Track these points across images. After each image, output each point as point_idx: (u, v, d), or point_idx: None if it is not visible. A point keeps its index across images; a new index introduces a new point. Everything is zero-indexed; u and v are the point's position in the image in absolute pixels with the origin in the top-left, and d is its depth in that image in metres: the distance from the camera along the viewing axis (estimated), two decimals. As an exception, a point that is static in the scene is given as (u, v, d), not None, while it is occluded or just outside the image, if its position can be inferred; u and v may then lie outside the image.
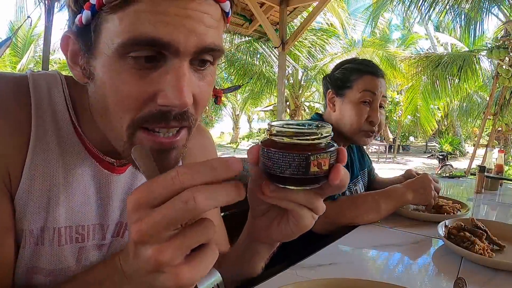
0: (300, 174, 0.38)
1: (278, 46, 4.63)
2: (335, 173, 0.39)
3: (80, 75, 0.49)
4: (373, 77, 1.23)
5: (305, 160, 0.37)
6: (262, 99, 15.69)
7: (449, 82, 9.11)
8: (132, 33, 0.41)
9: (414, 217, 1.13)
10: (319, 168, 0.38)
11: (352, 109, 1.22)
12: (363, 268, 0.79)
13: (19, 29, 11.24)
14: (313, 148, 0.38)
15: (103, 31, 0.43)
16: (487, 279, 0.71)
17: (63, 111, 0.53)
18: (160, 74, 0.43)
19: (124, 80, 0.43)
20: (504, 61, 5.59)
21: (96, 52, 0.44)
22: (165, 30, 0.41)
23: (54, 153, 0.51)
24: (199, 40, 0.43)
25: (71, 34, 0.47)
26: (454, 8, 6.77)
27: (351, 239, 0.95)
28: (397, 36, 21.82)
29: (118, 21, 0.41)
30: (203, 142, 0.75)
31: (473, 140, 16.86)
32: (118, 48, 0.42)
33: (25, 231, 0.50)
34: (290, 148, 0.38)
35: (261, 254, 0.59)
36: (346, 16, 12.08)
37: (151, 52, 0.42)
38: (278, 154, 0.38)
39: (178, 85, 0.42)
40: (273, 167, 0.38)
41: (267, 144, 0.39)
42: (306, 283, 0.59)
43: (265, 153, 0.39)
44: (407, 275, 0.75)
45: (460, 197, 1.50)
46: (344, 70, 1.27)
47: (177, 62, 0.43)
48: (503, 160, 1.85)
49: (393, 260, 0.84)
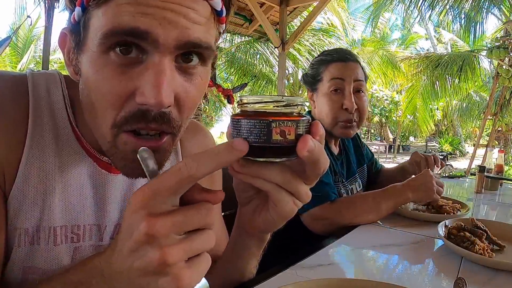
0: (262, 141, 0.36)
1: (278, 46, 4.63)
2: (302, 142, 0.35)
3: (72, 72, 0.48)
4: (340, 63, 1.21)
5: (266, 126, 0.36)
6: (262, 99, 15.65)
7: (449, 82, 9.12)
8: (112, 24, 0.40)
9: (414, 217, 1.13)
10: (282, 136, 0.36)
11: (324, 100, 1.22)
12: (363, 268, 0.78)
13: (19, 28, 11.23)
14: (276, 115, 0.36)
15: (90, 27, 0.43)
16: (487, 279, 0.71)
17: (61, 111, 0.53)
18: (140, 70, 0.42)
19: (106, 76, 0.42)
20: (504, 61, 5.59)
21: (84, 48, 0.44)
22: (143, 21, 0.40)
23: (50, 152, 0.51)
24: (181, 33, 0.42)
25: (67, 31, 0.47)
26: (454, 8, 6.77)
27: (351, 239, 0.95)
28: (397, 36, 21.81)
29: (101, 15, 0.41)
30: (203, 141, 0.74)
31: (473, 140, 16.86)
32: (100, 41, 0.41)
33: (20, 230, 0.50)
34: (254, 115, 0.37)
35: (251, 249, 0.57)
36: (347, 15, 12.08)
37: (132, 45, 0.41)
38: (242, 122, 0.37)
39: (155, 82, 0.40)
40: (238, 135, 0.37)
41: (236, 114, 0.39)
42: (306, 283, 0.59)
43: (233, 123, 0.38)
44: (407, 275, 0.75)
45: (460, 197, 1.50)
46: (313, 65, 1.28)
47: (157, 57, 0.41)
48: (503, 160, 1.85)
49: (393, 260, 0.84)
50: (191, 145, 0.70)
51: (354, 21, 15.90)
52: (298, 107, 0.38)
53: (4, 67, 13.21)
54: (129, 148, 0.45)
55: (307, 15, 4.92)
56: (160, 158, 0.47)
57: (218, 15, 0.47)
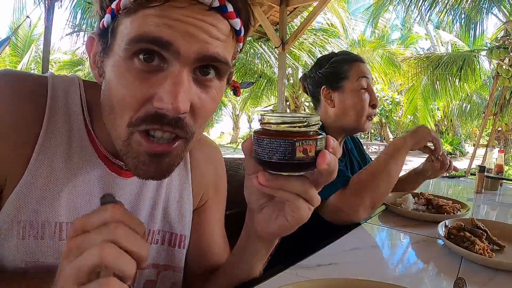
0: (287, 159, 0.40)
1: (278, 46, 4.63)
2: (322, 158, 0.41)
3: (97, 75, 0.52)
4: (361, 63, 1.26)
5: (291, 145, 0.40)
6: (262, 99, 15.68)
7: (449, 82, 9.12)
8: (137, 32, 0.44)
9: (414, 217, 1.13)
10: (304, 154, 0.41)
11: (355, 97, 1.23)
12: (363, 268, 0.78)
13: (19, 28, 11.22)
14: (299, 134, 0.41)
15: (118, 33, 0.46)
16: (487, 279, 0.71)
17: (77, 113, 0.55)
18: (160, 78, 0.45)
19: (128, 80, 0.45)
20: (504, 61, 5.59)
21: (110, 53, 0.47)
22: (167, 31, 0.43)
23: (62, 152, 0.53)
24: (201, 47, 0.45)
25: (96, 36, 0.51)
26: (454, 8, 6.77)
27: (351, 239, 0.95)
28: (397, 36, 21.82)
29: (129, 23, 0.45)
30: (211, 155, 0.75)
31: (473, 140, 16.87)
32: (125, 47, 0.44)
33: (23, 222, 0.50)
34: (278, 135, 0.41)
35: (260, 254, 0.60)
36: (347, 16, 12.08)
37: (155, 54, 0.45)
38: (266, 141, 0.41)
39: (173, 90, 0.44)
40: (262, 152, 0.41)
41: (258, 132, 0.42)
42: (306, 283, 0.59)
43: (256, 140, 0.42)
44: (407, 275, 0.75)
45: (460, 197, 1.50)
46: (334, 63, 1.27)
47: (177, 67, 0.45)
48: (503, 160, 1.85)
49: (393, 260, 0.84)
50: (200, 157, 0.72)
51: (355, 21, 15.91)
52: (316, 126, 0.42)
53: (4, 67, 13.21)
54: (142, 149, 0.48)
55: (307, 15, 4.92)
56: (170, 162, 0.50)
57: (237, 34, 0.50)
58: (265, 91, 11.45)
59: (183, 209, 0.67)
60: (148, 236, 0.63)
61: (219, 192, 0.76)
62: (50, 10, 3.50)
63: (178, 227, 0.67)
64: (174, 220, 0.66)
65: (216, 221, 0.75)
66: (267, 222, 0.51)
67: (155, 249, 0.64)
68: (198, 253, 0.71)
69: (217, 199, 0.76)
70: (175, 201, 0.67)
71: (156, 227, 0.64)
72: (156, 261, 0.64)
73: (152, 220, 0.63)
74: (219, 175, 0.77)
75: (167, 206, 0.66)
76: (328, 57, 1.32)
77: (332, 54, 1.34)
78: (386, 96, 14.84)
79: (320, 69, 1.30)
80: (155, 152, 0.48)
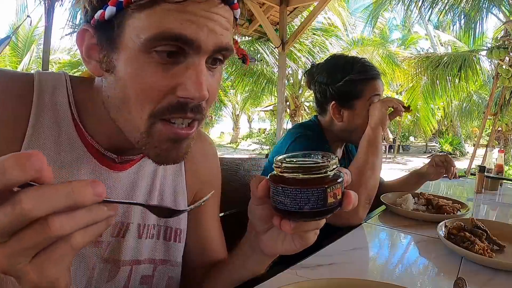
0: (319, 207, 0.39)
1: (278, 46, 4.63)
2: (348, 200, 0.42)
3: (96, 68, 0.50)
4: (376, 81, 1.22)
5: (323, 193, 0.39)
6: (262, 99, 15.68)
7: (449, 82, 9.11)
8: (160, 28, 0.44)
9: (414, 217, 1.13)
10: (334, 198, 0.40)
11: (364, 116, 1.19)
12: (363, 268, 0.79)
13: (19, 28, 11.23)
14: (328, 180, 0.39)
15: (128, 26, 0.46)
16: (487, 279, 0.71)
17: (65, 109, 0.54)
18: (181, 69, 0.47)
19: (148, 73, 0.46)
20: (504, 61, 5.59)
21: (120, 46, 0.47)
22: (190, 29, 0.45)
23: (50, 148, 0.52)
24: (217, 40, 0.48)
25: (89, 28, 0.49)
26: (453, 8, 6.77)
27: (351, 239, 0.95)
28: (397, 36, 21.82)
29: (145, 18, 0.45)
30: (204, 148, 0.76)
31: (473, 140, 16.86)
32: (145, 42, 0.45)
33: None
34: (308, 183, 0.39)
35: (264, 263, 0.62)
36: (347, 15, 12.07)
37: (174, 47, 0.46)
38: (295, 191, 0.39)
39: (198, 79, 0.46)
40: (292, 204, 0.39)
41: (281, 181, 0.40)
42: (306, 283, 0.59)
43: (280, 191, 0.40)
44: (407, 275, 0.75)
45: (460, 197, 1.50)
46: (349, 82, 1.21)
47: (196, 58, 0.47)
48: (503, 160, 1.85)
49: (393, 260, 0.84)
50: (194, 152, 0.72)
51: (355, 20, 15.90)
52: (336, 165, 0.41)
53: (4, 67, 13.20)
54: (164, 137, 0.49)
55: (307, 15, 4.92)
56: (188, 144, 0.53)
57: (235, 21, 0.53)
58: (265, 91, 11.44)
59: (178, 203, 0.68)
60: (143, 231, 0.63)
61: (214, 187, 0.76)
62: (50, 11, 3.49)
63: (173, 221, 0.67)
64: None
65: (212, 216, 0.76)
66: (273, 244, 0.52)
67: (151, 244, 0.64)
68: (196, 249, 0.72)
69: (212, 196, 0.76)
70: (169, 194, 0.67)
71: (151, 221, 0.64)
72: (153, 256, 0.64)
73: (146, 215, 0.63)
74: (214, 171, 0.78)
75: (161, 200, 0.66)
76: (343, 69, 1.22)
77: (348, 66, 1.23)
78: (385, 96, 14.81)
79: (332, 82, 1.23)
80: (178, 137, 0.50)
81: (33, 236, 0.29)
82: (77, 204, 0.30)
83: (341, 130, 1.25)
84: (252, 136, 22.62)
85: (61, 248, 0.31)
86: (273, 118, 17.99)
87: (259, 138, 20.73)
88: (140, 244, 0.62)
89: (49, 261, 0.31)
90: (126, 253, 0.60)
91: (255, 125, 26.98)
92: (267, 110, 18.76)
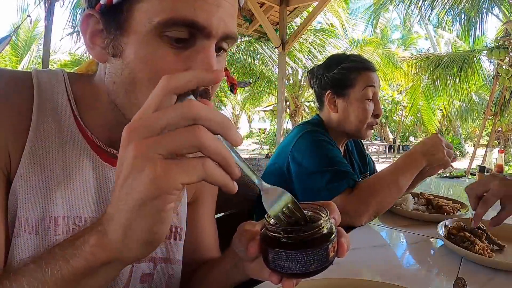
0: (323, 263, 0.39)
1: (278, 46, 4.63)
2: (342, 250, 0.42)
3: (101, 54, 0.50)
4: (370, 72, 1.24)
5: (326, 250, 0.38)
6: (262, 99, 15.69)
7: (449, 82, 9.11)
8: (173, 13, 0.45)
9: (414, 217, 1.13)
10: (333, 252, 0.40)
11: (359, 107, 1.22)
12: (363, 268, 0.78)
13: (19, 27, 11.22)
14: (328, 236, 0.39)
15: (137, 10, 0.46)
16: (487, 279, 0.71)
17: (64, 106, 0.54)
18: (191, 52, 0.47)
19: (160, 56, 0.47)
20: (504, 61, 5.59)
21: (129, 30, 0.47)
22: (203, 15, 0.46)
23: (54, 143, 0.52)
24: (226, 27, 0.49)
25: (94, 13, 0.49)
26: (453, 8, 6.77)
27: (351, 239, 0.94)
28: (397, 36, 21.82)
29: (157, 2, 0.45)
30: None
31: (473, 140, 16.87)
32: (156, 26, 0.45)
33: (20, 219, 0.49)
34: (313, 245, 0.38)
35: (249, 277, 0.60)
36: (347, 16, 12.07)
37: (186, 34, 0.46)
38: (301, 255, 0.38)
39: (208, 63, 0.47)
40: (297, 267, 0.38)
41: (281, 246, 0.38)
42: (306, 283, 0.59)
43: (284, 256, 0.38)
44: (407, 275, 0.75)
45: (460, 197, 1.49)
46: (342, 70, 1.25)
47: (207, 43, 0.48)
48: (503, 160, 1.85)
49: (393, 260, 0.84)
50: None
51: (354, 21, 15.91)
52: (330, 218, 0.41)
53: (4, 67, 13.18)
54: None
55: (307, 15, 4.92)
56: None
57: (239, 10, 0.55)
58: (265, 91, 11.45)
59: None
60: None
61: (212, 187, 0.76)
62: (50, 11, 3.49)
63: (174, 219, 0.66)
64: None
65: (208, 216, 0.76)
66: (259, 271, 0.50)
67: None
68: (190, 247, 0.71)
69: (210, 195, 0.77)
70: None
71: None
72: (153, 253, 0.63)
73: None
74: None
75: None
76: (338, 60, 1.28)
77: (343, 58, 1.30)
78: (386, 96, 14.84)
79: (328, 71, 1.28)
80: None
81: (183, 133, 0.32)
82: (227, 133, 0.34)
83: (338, 122, 1.27)
84: (252, 136, 22.62)
85: (193, 162, 0.33)
86: (273, 118, 17.99)
87: (259, 138, 20.73)
88: None
89: (178, 166, 0.32)
90: None
91: (255, 125, 26.98)
92: (267, 110, 18.76)
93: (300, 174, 1.12)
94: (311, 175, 1.09)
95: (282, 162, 1.19)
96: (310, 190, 1.09)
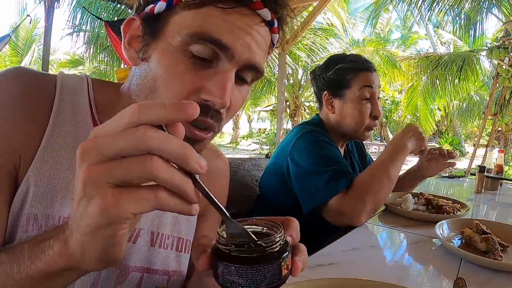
0: (275, 281, 0.37)
1: (278, 46, 4.62)
2: (296, 270, 0.40)
3: (134, 56, 0.53)
4: (367, 73, 1.23)
5: (278, 267, 0.37)
6: (262, 99, 15.68)
7: (449, 82, 9.12)
8: (201, 28, 0.47)
9: (414, 217, 1.13)
10: (287, 269, 0.38)
11: (355, 108, 1.21)
12: (363, 268, 0.78)
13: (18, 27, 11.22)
14: (281, 253, 0.38)
15: (172, 22, 0.49)
16: (487, 279, 0.71)
17: (85, 110, 0.56)
18: (210, 73, 0.49)
19: (180, 69, 0.48)
20: (504, 61, 5.59)
21: (160, 38, 0.50)
22: (228, 36, 0.47)
23: (68, 145, 0.53)
24: (251, 56, 0.50)
25: (138, 18, 0.52)
26: (453, 8, 6.77)
27: (351, 239, 0.95)
28: (397, 36, 21.82)
29: (190, 17, 0.48)
30: (220, 165, 0.77)
31: (473, 140, 16.87)
32: (184, 38, 0.47)
33: (29, 215, 0.50)
34: (263, 261, 0.36)
35: None
36: (347, 16, 12.07)
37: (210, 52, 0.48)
38: (251, 270, 0.36)
39: (223, 85, 0.48)
40: (246, 283, 0.36)
41: (231, 260, 0.37)
42: (306, 283, 0.59)
43: (233, 271, 0.37)
44: (407, 275, 0.75)
45: (460, 197, 1.50)
46: (338, 70, 1.24)
47: (227, 67, 0.49)
48: (503, 160, 1.85)
49: (393, 260, 0.84)
50: (211, 164, 0.72)
51: (354, 21, 15.90)
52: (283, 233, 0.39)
53: (4, 67, 13.20)
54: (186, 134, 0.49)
55: (307, 15, 4.92)
56: (200, 149, 0.53)
57: (272, 46, 0.56)
58: (265, 91, 11.44)
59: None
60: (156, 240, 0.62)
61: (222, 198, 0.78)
62: (50, 11, 3.49)
63: (185, 232, 0.67)
64: (182, 224, 0.66)
65: (212, 229, 0.76)
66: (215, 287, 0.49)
67: (165, 255, 0.63)
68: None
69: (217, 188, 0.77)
70: None
71: (166, 231, 0.63)
72: (167, 267, 0.63)
73: (161, 224, 0.63)
74: (224, 187, 0.79)
75: None
76: (336, 61, 1.28)
77: (341, 58, 1.29)
78: (386, 96, 14.84)
79: (326, 72, 1.28)
80: (194, 137, 0.50)
81: (134, 164, 0.30)
82: (184, 163, 0.31)
83: (335, 123, 1.27)
84: (252, 136, 22.62)
85: (145, 192, 0.31)
86: (273, 118, 17.99)
87: (259, 138, 20.73)
88: (153, 252, 0.61)
89: (129, 196, 0.30)
90: (136, 259, 0.59)
91: (255, 125, 26.98)
92: (267, 110, 18.76)
93: (299, 174, 1.12)
94: (310, 175, 1.09)
95: (281, 162, 1.19)
96: (308, 190, 1.09)
